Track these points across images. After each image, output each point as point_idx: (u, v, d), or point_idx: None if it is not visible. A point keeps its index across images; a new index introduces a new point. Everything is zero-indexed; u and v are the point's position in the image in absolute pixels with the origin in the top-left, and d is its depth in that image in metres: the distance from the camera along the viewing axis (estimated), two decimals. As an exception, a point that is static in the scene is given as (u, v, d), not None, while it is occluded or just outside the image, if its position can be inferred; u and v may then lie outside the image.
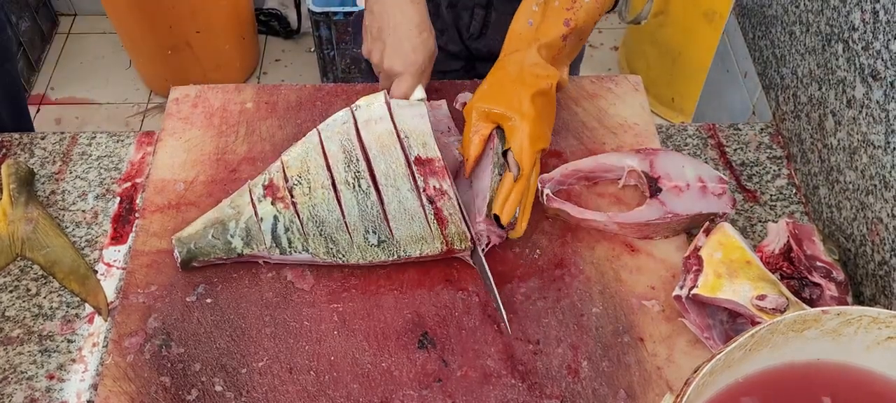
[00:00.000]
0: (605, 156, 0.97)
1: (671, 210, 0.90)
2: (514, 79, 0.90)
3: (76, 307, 0.88)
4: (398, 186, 0.87)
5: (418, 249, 0.86)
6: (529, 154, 0.88)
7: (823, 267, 0.83)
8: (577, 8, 0.92)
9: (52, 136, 1.05)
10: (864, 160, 0.86)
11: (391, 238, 0.86)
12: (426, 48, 0.93)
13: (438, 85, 1.08)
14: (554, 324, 0.85)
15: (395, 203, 0.87)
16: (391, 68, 0.93)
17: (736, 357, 0.60)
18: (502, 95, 0.89)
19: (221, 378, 0.80)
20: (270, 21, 2.61)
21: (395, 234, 0.86)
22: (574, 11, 0.92)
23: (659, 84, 2.32)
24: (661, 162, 0.94)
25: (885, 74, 0.81)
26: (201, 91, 1.07)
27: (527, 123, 0.87)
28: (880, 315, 0.61)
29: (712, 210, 0.90)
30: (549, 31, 0.91)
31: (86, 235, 0.94)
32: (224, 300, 0.86)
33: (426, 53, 0.93)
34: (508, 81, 0.90)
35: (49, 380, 0.82)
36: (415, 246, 0.86)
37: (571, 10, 0.92)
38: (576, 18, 0.91)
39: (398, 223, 0.86)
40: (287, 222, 0.86)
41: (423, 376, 0.81)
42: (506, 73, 0.91)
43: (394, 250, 0.86)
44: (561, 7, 0.92)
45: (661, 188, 0.92)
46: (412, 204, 0.87)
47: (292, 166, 0.89)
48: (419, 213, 0.86)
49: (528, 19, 0.93)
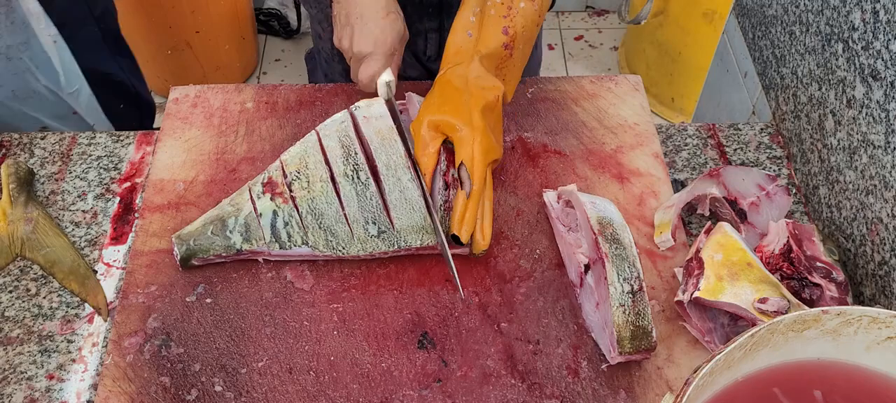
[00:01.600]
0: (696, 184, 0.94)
1: (761, 230, 0.88)
2: (461, 91, 0.88)
3: (76, 307, 0.88)
4: (399, 176, 0.87)
5: (419, 239, 0.86)
6: (481, 166, 0.85)
7: (823, 267, 0.82)
8: (513, 14, 0.91)
9: (52, 136, 1.05)
10: (863, 160, 0.86)
11: (391, 228, 0.86)
12: (394, 29, 0.92)
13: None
14: (554, 324, 0.85)
15: (396, 193, 0.87)
16: (360, 51, 0.92)
17: (736, 357, 0.60)
18: (449, 106, 0.88)
19: (221, 378, 0.80)
20: (270, 21, 2.61)
21: (396, 224, 0.86)
22: (511, 18, 0.91)
23: (659, 84, 2.32)
24: (729, 180, 0.93)
25: (885, 74, 0.81)
26: (201, 91, 1.07)
27: (477, 134, 0.86)
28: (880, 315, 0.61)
29: (784, 211, 0.90)
30: (489, 41, 0.90)
31: (85, 235, 0.94)
32: (224, 300, 0.86)
33: (395, 34, 0.93)
34: (454, 93, 0.88)
35: (49, 380, 0.82)
36: (415, 236, 0.86)
37: (508, 16, 0.91)
38: (513, 25, 0.90)
39: (399, 212, 0.86)
40: (286, 216, 0.86)
41: (422, 376, 0.81)
42: (451, 85, 0.89)
43: (394, 240, 0.86)
44: (497, 15, 0.91)
45: (744, 210, 0.91)
46: (413, 194, 0.87)
47: (291, 163, 0.89)
48: (419, 203, 0.87)
49: (466, 31, 0.92)
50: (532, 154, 1.00)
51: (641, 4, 2.25)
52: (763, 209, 0.91)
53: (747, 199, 0.92)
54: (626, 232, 0.82)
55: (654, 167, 0.99)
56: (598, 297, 0.81)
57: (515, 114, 1.05)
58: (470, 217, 0.84)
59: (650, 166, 0.99)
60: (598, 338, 0.83)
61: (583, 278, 0.84)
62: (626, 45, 2.56)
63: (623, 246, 0.80)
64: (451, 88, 0.89)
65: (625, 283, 0.78)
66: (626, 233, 0.82)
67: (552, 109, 1.06)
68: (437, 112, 0.88)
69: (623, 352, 0.78)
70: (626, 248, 0.80)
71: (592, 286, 0.82)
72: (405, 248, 0.86)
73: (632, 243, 0.81)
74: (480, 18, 0.91)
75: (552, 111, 1.06)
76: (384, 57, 0.92)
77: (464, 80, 0.89)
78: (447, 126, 0.87)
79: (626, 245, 0.80)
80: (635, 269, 0.79)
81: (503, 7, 0.91)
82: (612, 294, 0.78)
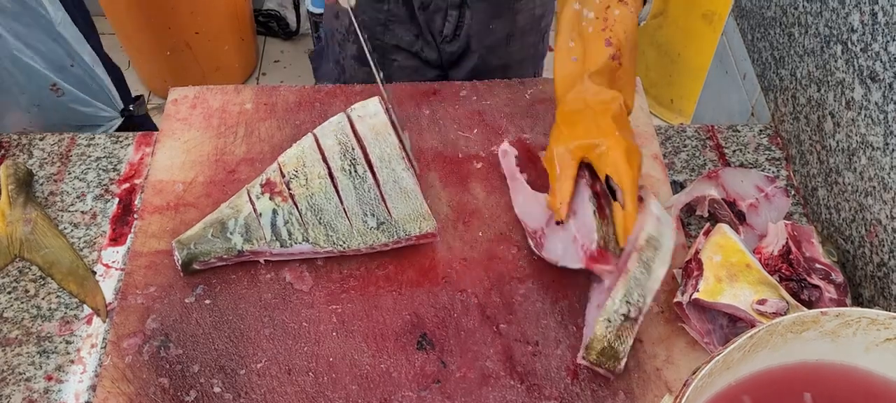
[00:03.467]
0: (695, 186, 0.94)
1: (760, 232, 0.88)
2: (583, 112, 0.86)
3: (75, 308, 0.88)
4: (393, 167, 0.89)
5: (417, 227, 0.87)
6: (628, 171, 0.83)
7: (822, 268, 0.83)
8: (611, 24, 0.88)
9: (51, 137, 1.05)
10: (862, 161, 0.86)
11: (390, 218, 0.87)
12: None
13: (438, 86, 1.08)
14: (553, 325, 0.85)
15: (390, 182, 0.88)
16: None
17: (734, 359, 0.60)
18: (580, 128, 0.85)
19: (220, 379, 0.80)
20: (269, 22, 2.61)
21: (394, 214, 0.87)
22: (610, 28, 0.88)
23: (658, 85, 2.32)
24: (728, 182, 0.92)
25: (884, 76, 0.81)
26: (200, 92, 1.07)
27: (614, 143, 0.83)
28: (879, 316, 0.61)
29: (783, 213, 0.89)
30: (595, 58, 0.88)
31: (84, 236, 0.94)
32: (223, 301, 0.86)
33: None
34: (578, 116, 0.86)
35: (47, 381, 0.82)
36: (413, 224, 0.87)
37: (606, 28, 0.88)
38: (615, 34, 0.88)
39: (395, 202, 0.87)
40: (286, 214, 0.87)
41: (421, 377, 0.80)
42: (573, 110, 0.87)
43: (393, 231, 0.87)
44: (596, 30, 0.88)
45: (743, 211, 0.90)
46: (408, 182, 0.88)
47: (288, 164, 0.90)
48: (415, 191, 0.88)
49: (570, 57, 0.89)
50: (531, 155, 1.00)
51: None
52: (762, 210, 0.91)
53: (746, 201, 0.92)
54: (663, 264, 0.79)
55: (653, 168, 0.99)
56: (599, 302, 0.81)
57: (515, 116, 1.05)
58: (630, 225, 0.82)
59: (649, 167, 0.99)
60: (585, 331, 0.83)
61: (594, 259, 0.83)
62: (626, 47, 2.56)
63: (649, 273, 0.78)
64: (574, 113, 0.87)
65: (625, 305, 0.77)
66: (662, 265, 0.79)
67: (551, 110, 1.05)
68: (569, 140, 0.86)
69: (586, 358, 0.78)
70: (650, 276, 0.78)
71: (606, 288, 0.82)
72: (405, 238, 0.87)
73: (660, 277, 0.78)
74: (580, 40, 0.89)
75: (551, 112, 1.05)
76: None
77: (583, 102, 0.87)
78: (583, 148, 0.85)
79: (653, 274, 0.78)
80: (642, 299, 0.77)
81: (599, 21, 0.88)
82: (607, 305, 0.77)
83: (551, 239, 0.87)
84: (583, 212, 0.85)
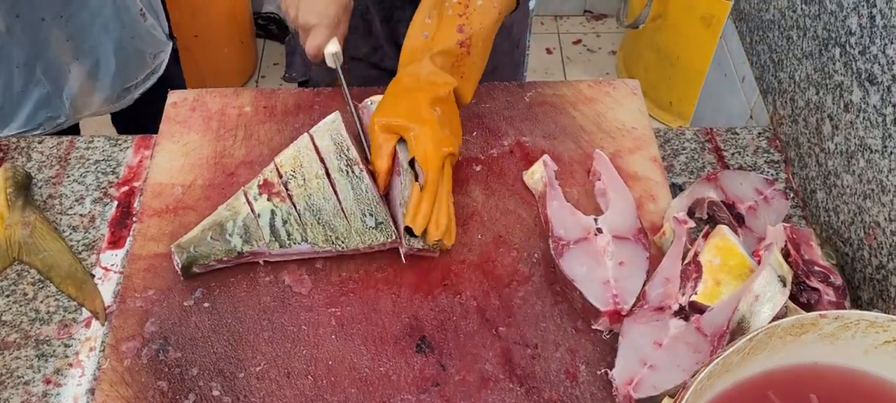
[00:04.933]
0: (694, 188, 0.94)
1: (759, 234, 0.88)
2: (411, 89, 0.90)
3: (73, 311, 0.88)
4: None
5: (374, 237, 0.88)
6: (433, 159, 0.87)
7: (821, 271, 0.83)
8: (469, 12, 0.91)
9: (50, 140, 1.05)
10: (861, 164, 0.86)
11: (388, 219, 0.88)
12: (337, 1, 0.93)
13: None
14: (552, 328, 0.85)
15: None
16: (306, 22, 0.93)
17: (733, 362, 0.60)
18: (400, 106, 0.89)
19: (219, 382, 0.80)
20: (268, 25, 2.61)
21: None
22: (467, 16, 0.91)
23: (657, 88, 2.32)
24: (727, 184, 0.92)
25: (882, 79, 0.81)
26: (199, 95, 1.07)
27: (427, 129, 0.87)
28: (878, 319, 0.61)
29: (782, 215, 0.90)
30: (444, 40, 0.91)
31: (83, 239, 0.94)
32: (222, 304, 0.86)
33: (338, 5, 0.93)
34: (404, 92, 0.90)
35: (46, 385, 0.82)
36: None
37: (464, 15, 0.91)
38: (470, 23, 0.91)
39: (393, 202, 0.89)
40: (284, 214, 0.87)
41: (421, 380, 0.80)
42: (402, 85, 0.91)
43: (391, 231, 0.87)
44: (454, 14, 0.91)
45: (742, 214, 0.90)
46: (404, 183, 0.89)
47: (285, 164, 0.91)
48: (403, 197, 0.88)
49: (422, 32, 0.93)
50: (530, 158, 1.00)
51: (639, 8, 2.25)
52: (761, 213, 0.91)
53: (745, 203, 0.92)
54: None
55: (652, 171, 0.99)
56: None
57: (513, 119, 1.05)
58: (424, 209, 0.85)
59: (648, 170, 0.99)
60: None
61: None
62: (625, 50, 2.57)
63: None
64: (402, 88, 0.91)
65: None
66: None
67: (550, 113, 1.06)
68: (388, 114, 0.89)
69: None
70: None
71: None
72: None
73: None
74: (437, 19, 0.92)
75: (550, 115, 1.06)
76: (328, 28, 0.93)
77: (415, 79, 0.90)
78: (399, 127, 0.89)
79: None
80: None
81: (459, 6, 0.92)
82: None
83: (575, 255, 0.87)
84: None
